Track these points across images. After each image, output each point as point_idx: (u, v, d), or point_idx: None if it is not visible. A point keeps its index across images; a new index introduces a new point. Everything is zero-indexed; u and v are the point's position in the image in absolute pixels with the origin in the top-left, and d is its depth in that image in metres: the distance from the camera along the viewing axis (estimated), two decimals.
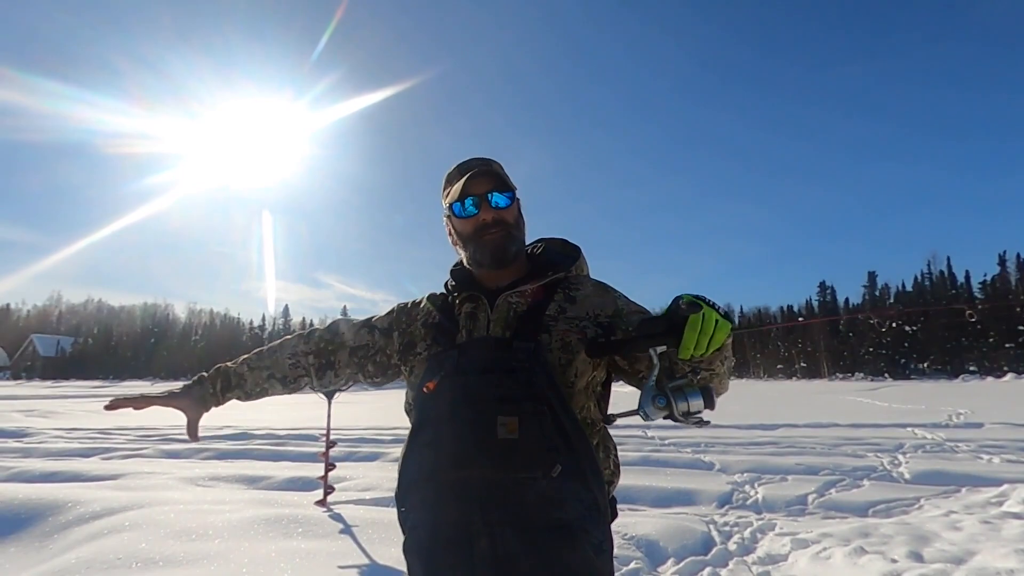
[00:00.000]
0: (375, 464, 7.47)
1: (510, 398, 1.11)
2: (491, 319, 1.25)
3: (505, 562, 1.05)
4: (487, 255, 1.28)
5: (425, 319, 1.34)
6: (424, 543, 1.13)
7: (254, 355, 1.48)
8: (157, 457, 8.16)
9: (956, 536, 3.91)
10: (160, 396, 1.37)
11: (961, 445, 7.90)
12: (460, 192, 1.28)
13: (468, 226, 1.30)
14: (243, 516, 3.96)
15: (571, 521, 1.07)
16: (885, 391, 25.64)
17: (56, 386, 44.09)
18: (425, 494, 1.14)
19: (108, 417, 13.09)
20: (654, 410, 1.01)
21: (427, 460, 1.15)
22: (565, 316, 1.24)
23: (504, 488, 1.07)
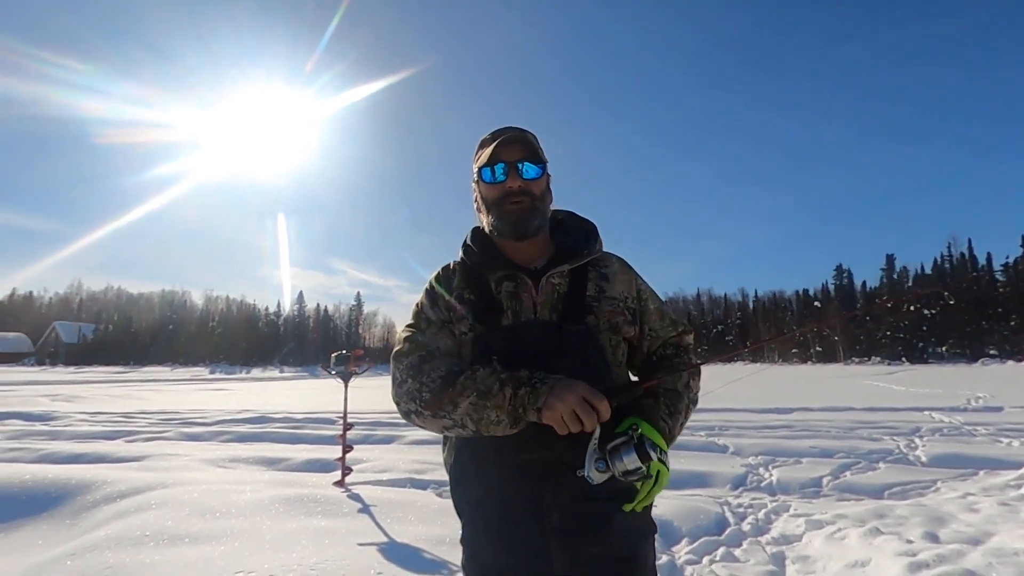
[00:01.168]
0: (391, 447, 7.57)
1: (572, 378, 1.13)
2: (537, 301, 1.24)
3: (574, 531, 1.14)
4: (508, 224, 1.26)
5: (460, 294, 1.29)
6: (493, 519, 1.17)
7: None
8: (178, 440, 8.35)
9: (973, 518, 3.89)
10: None
11: (980, 429, 7.82)
12: (490, 157, 1.26)
13: (494, 192, 1.28)
14: (264, 496, 4.06)
15: (628, 488, 1.15)
16: (902, 375, 25.36)
17: (79, 372, 45.11)
18: (490, 475, 1.18)
19: (131, 401, 13.38)
20: (597, 475, 1.05)
21: (487, 443, 1.16)
22: (606, 296, 1.28)
23: (570, 467, 1.12)
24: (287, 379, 36.18)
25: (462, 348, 1.26)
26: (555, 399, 1.05)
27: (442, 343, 1.26)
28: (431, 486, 4.98)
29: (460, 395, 1.12)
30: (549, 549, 1.13)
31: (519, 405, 1.09)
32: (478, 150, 1.34)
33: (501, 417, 1.10)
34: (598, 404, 1.04)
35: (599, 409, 1.04)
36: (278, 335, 79.78)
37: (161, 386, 24.87)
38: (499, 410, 1.10)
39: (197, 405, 13.83)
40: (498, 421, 1.11)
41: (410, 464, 5.94)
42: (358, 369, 5.38)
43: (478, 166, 1.30)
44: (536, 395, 1.08)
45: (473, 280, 1.29)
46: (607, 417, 1.06)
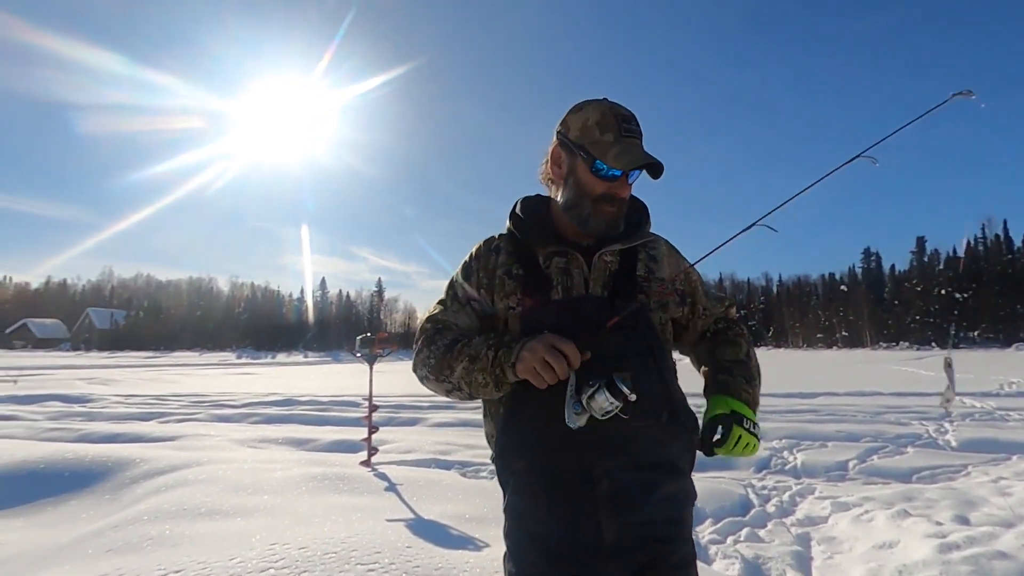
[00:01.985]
0: (415, 428, 7.70)
1: (623, 354, 1.18)
2: (588, 277, 1.25)
3: (621, 496, 1.16)
4: (600, 225, 1.24)
5: (507, 268, 1.29)
6: (543, 486, 1.19)
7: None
8: (210, 421, 8.59)
9: (1005, 501, 3.82)
10: None
11: (1013, 414, 7.63)
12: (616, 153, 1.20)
13: (599, 188, 1.23)
14: (293, 474, 4.17)
15: (675, 456, 1.23)
16: (932, 360, 24.79)
17: (112, 356, 46.54)
18: (539, 444, 1.19)
19: (163, 385, 13.78)
20: (576, 417, 1.07)
21: (537, 412, 1.18)
22: (655, 277, 1.30)
23: (621, 437, 1.17)
24: (311, 364, 36.84)
25: (511, 322, 1.26)
26: (525, 351, 1.11)
27: (461, 320, 1.32)
28: (455, 466, 5.06)
29: (456, 360, 1.21)
30: (599, 516, 1.15)
31: (497, 366, 1.15)
32: (594, 126, 1.23)
33: (487, 379, 1.17)
34: (564, 348, 1.07)
35: (566, 353, 1.07)
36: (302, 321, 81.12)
37: (190, 370, 25.53)
38: (484, 372, 1.17)
39: (226, 388, 14.18)
40: (484, 383, 1.18)
41: (434, 445, 6.04)
42: (383, 352, 5.46)
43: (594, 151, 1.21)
44: (509, 353, 1.14)
45: (522, 254, 1.29)
46: (577, 361, 1.08)
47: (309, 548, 2.78)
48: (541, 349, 1.08)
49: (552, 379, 1.08)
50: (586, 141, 1.23)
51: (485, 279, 1.31)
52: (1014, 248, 51.38)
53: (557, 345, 1.08)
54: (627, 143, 1.22)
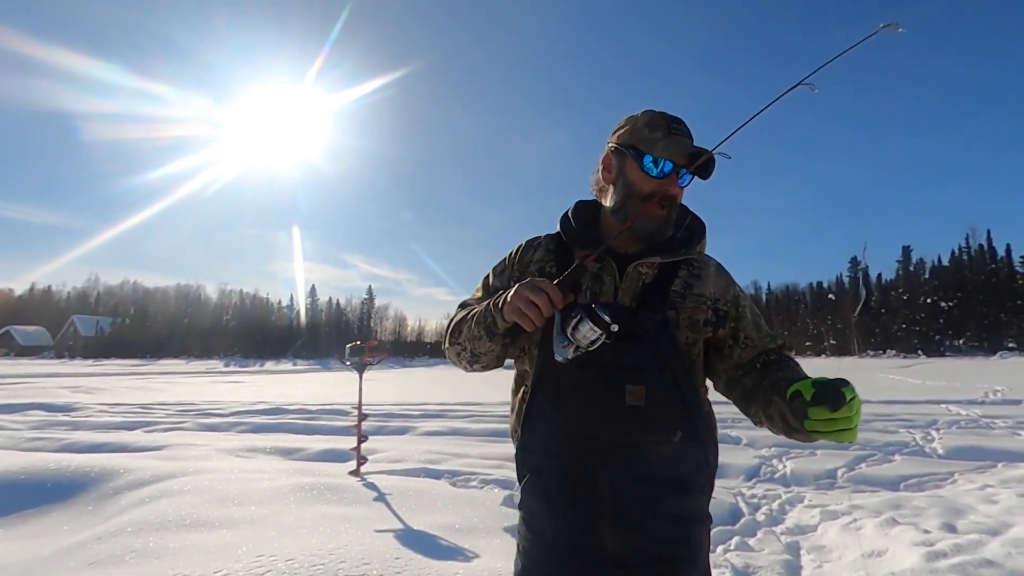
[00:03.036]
0: (405, 437, 7.65)
1: (639, 367, 1.15)
2: (619, 286, 1.23)
3: (623, 509, 1.15)
4: (648, 228, 1.23)
5: (541, 266, 1.32)
6: (549, 487, 1.20)
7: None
8: (196, 430, 8.48)
9: (991, 509, 3.86)
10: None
11: (998, 422, 7.73)
12: (664, 149, 1.21)
13: (648, 186, 1.23)
14: (281, 484, 4.12)
15: (685, 475, 1.18)
16: (919, 368, 25.08)
17: (97, 364, 45.87)
18: (550, 444, 1.20)
19: (149, 393, 13.60)
20: (562, 349, 1.09)
21: (551, 415, 1.20)
22: (692, 293, 1.24)
23: (629, 449, 1.16)
24: (300, 372, 36.55)
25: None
26: (509, 295, 1.15)
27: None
28: (445, 476, 5.03)
29: (464, 322, 1.30)
30: (601, 525, 1.15)
31: (489, 316, 1.21)
32: (644, 127, 1.25)
33: (480, 332, 1.23)
34: (545, 286, 1.10)
35: (547, 291, 1.09)
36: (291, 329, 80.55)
37: (177, 378, 25.23)
38: (480, 325, 1.23)
39: (213, 397, 14.02)
40: (479, 336, 1.24)
41: (424, 454, 6.00)
42: (372, 360, 5.43)
43: (644, 148, 1.23)
44: (498, 301, 1.19)
45: (560, 255, 1.32)
46: (559, 299, 1.10)
47: (296, 560, 2.75)
48: (524, 290, 1.11)
49: (537, 317, 1.10)
50: (635, 140, 1.25)
51: (518, 272, 1.34)
52: (997, 258, 52.23)
53: (538, 284, 1.11)
54: (676, 139, 1.23)
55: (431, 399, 12.51)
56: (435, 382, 21.10)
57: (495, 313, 1.19)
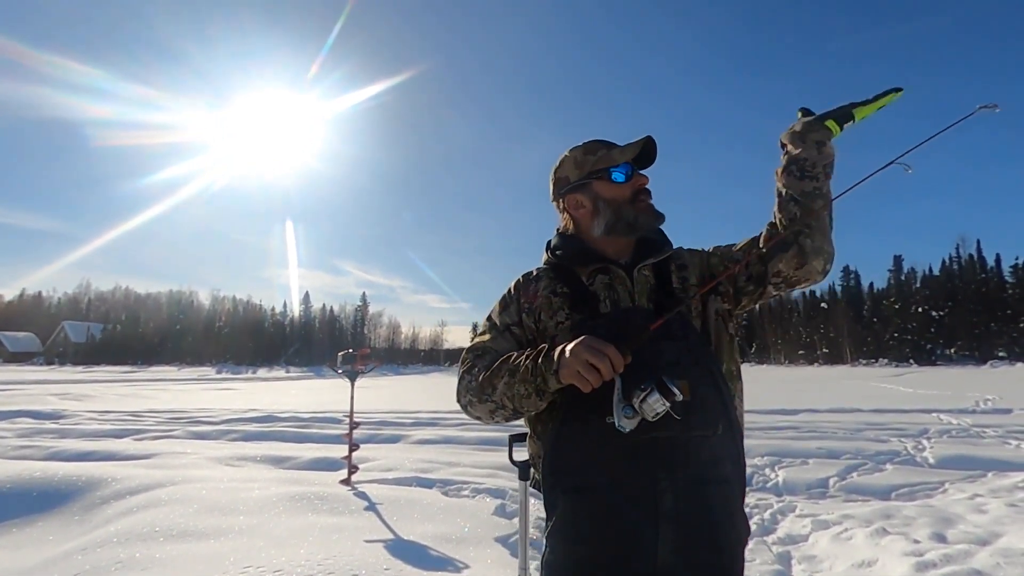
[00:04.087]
0: (397, 446, 7.61)
1: (677, 362, 1.19)
2: (633, 291, 1.29)
3: (684, 516, 1.14)
4: (648, 218, 1.33)
5: (552, 289, 1.32)
6: (602, 503, 1.16)
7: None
8: (186, 438, 8.40)
9: (981, 519, 3.87)
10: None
11: (988, 431, 7.76)
12: (619, 157, 1.33)
13: (626, 190, 1.34)
14: (271, 493, 4.09)
15: (729, 476, 1.20)
16: (910, 377, 25.20)
17: (87, 371, 45.45)
18: (599, 458, 1.17)
19: (139, 400, 13.47)
20: (626, 421, 1.06)
21: (597, 425, 1.15)
22: (689, 285, 1.33)
23: (684, 447, 1.16)
24: (293, 379, 36.33)
25: (560, 336, 1.26)
26: (566, 356, 1.10)
27: (500, 345, 1.33)
28: (437, 485, 5.00)
29: (497, 377, 1.21)
30: (658, 531, 1.13)
31: (539, 375, 1.15)
32: (585, 156, 1.36)
33: (529, 390, 1.17)
34: (606, 349, 1.06)
35: (608, 354, 1.06)
36: (284, 335, 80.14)
37: (168, 385, 25.02)
38: (525, 384, 1.17)
39: (204, 404, 13.91)
40: (527, 394, 1.17)
41: (416, 463, 5.97)
42: (364, 368, 5.41)
43: (604, 166, 1.34)
44: (549, 360, 1.13)
45: (564, 276, 1.33)
46: (620, 362, 1.07)
47: (284, 571, 2.73)
48: (583, 351, 1.07)
49: (597, 381, 1.07)
50: (591, 167, 1.35)
51: (527, 304, 1.33)
52: (987, 267, 52.72)
53: (597, 346, 1.07)
54: (615, 147, 1.34)
55: (424, 407, 12.45)
56: (428, 390, 21.03)
57: (547, 373, 1.13)
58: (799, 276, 1.27)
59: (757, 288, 1.32)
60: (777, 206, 1.30)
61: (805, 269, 1.26)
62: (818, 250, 1.25)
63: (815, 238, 1.25)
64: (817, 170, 1.27)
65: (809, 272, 1.26)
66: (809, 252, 1.25)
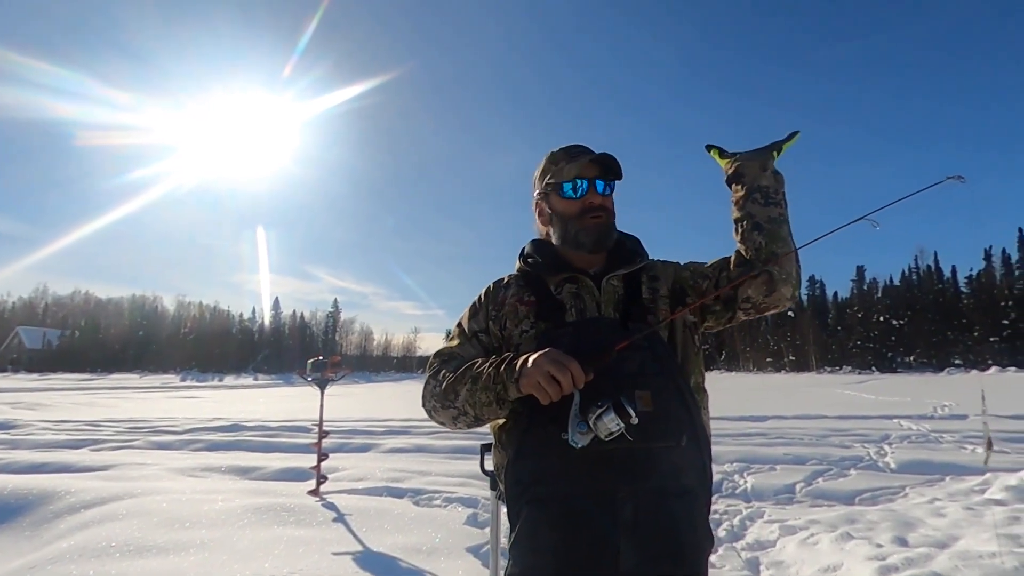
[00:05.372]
0: (368, 455, 7.48)
1: (642, 372, 1.19)
2: (600, 301, 1.29)
3: (645, 527, 1.13)
4: (591, 237, 1.33)
5: (519, 297, 1.34)
6: (562, 513, 1.15)
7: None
8: (147, 448, 8.13)
9: (940, 522, 3.98)
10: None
11: (945, 436, 8.03)
12: (574, 172, 1.33)
13: (575, 207, 1.34)
14: (235, 505, 3.97)
15: (693, 487, 1.19)
16: (872, 384, 25.97)
17: (43, 379, 43.62)
18: (560, 469, 1.15)
19: (98, 409, 12.99)
20: (580, 437, 1.07)
21: (557, 437, 1.13)
22: (660, 296, 1.33)
23: (644, 458, 1.15)
24: (262, 387, 35.51)
25: (524, 345, 1.26)
26: (528, 367, 1.10)
27: (467, 351, 1.34)
28: (408, 494, 4.93)
29: (460, 383, 1.22)
30: (619, 543, 1.12)
31: (500, 382, 1.15)
32: (549, 165, 1.39)
33: (489, 398, 1.17)
34: (569, 364, 1.07)
35: (570, 368, 1.06)
36: (253, 342, 78.40)
37: (129, 394, 24.20)
38: (487, 391, 1.17)
39: (167, 413, 13.49)
40: (488, 402, 1.18)
41: (387, 472, 5.88)
42: (335, 376, 5.31)
43: (556, 180, 1.36)
44: (511, 369, 1.14)
45: (533, 284, 1.35)
46: (581, 378, 1.08)
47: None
48: (546, 363, 1.08)
49: (556, 394, 1.07)
50: (549, 179, 1.38)
51: (494, 311, 1.35)
52: (944, 279, 54.89)
53: (561, 360, 1.07)
54: (578, 160, 1.33)
55: (396, 415, 12.29)
56: (400, 397, 20.79)
57: (508, 382, 1.14)
58: (768, 303, 1.31)
59: (725, 311, 1.34)
60: (741, 237, 1.32)
61: (774, 296, 1.29)
62: (787, 277, 1.28)
63: (782, 265, 1.28)
64: (780, 196, 1.32)
65: (778, 299, 1.30)
66: (778, 280, 1.27)
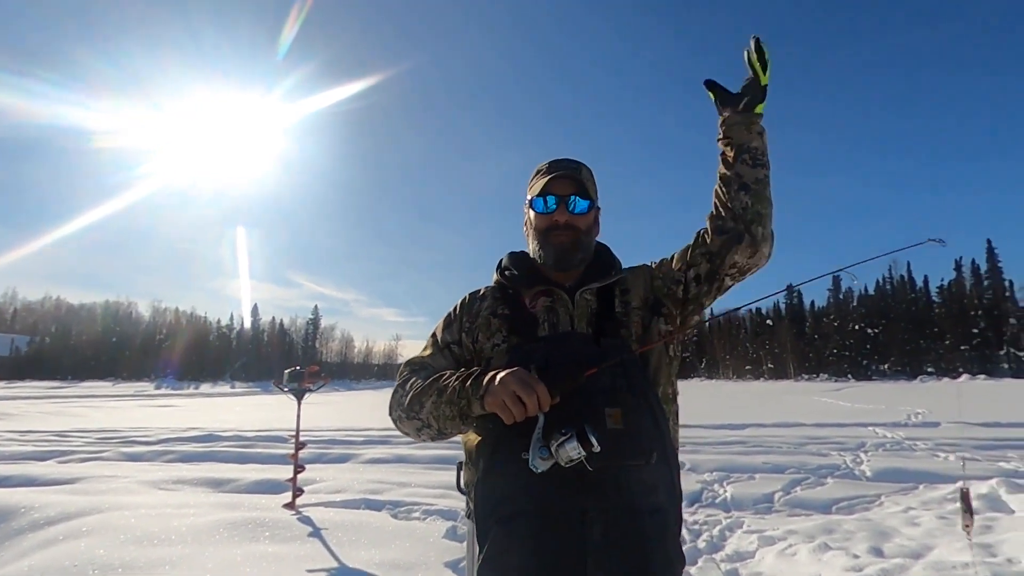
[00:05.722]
0: (346, 466, 7.36)
1: (613, 388, 1.17)
2: (573, 315, 1.28)
3: (614, 547, 1.11)
4: (551, 255, 1.32)
5: (493, 310, 1.33)
6: (531, 531, 1.13)
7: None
8: (117, 460, 7.90)
9: (914, 532, 4.04)
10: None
11: (919, 443, 8.18)
12: (543, 188, 1.32)
13: (543, 223, 1.34)
14: (208, 520, 3.86)
15: (663, 505, 1.17)
16: (848, 391, 26.43)
17: (10, 387, 42.32)
18: (528, 487, 1.13)
19: (67, 419, 12.62)
20: (540, 462, 1.06)
21: (524, 448, 1.11)
22: (632, 309, 1.31)
23: (614, 476, 1.13)
24: (239, 395, 34.89)
25: (495, 359, 1.25)
26: (495, 384, 1.08)
27: (438, 362, 1.33)
28: (386, 507, 4.85)
29: (426, 395, 1.20)
30: (587, 563, 1.10)
31: (464, 397, 1.13)
32: (533, 177, 1.39)
33: (453, 412, 1.15)
34: (535, 385, 1.05)
35: (537, 391, 1.05)
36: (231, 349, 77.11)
37: (101, 402, 23.57)
38: (451, 405, 1.15)
39: (139, 423, 13.16)
40: (451, 416, 1.16)
41: (365, 484, 5.78)
42: (312, 386, 5.22)
43: (531, 195, 1.36)
44: (477, 385, 1.12)
45: (508, 297, 1.34)
46: (547, 401, 1.06)
47: None
48: (512, 383, 1.05)
49: (520, 415, 1.05)
50: (529, 192, 1.38)
51: (468, 323, 1.34)
52: (916, 289, 56.26)
53: (528, 381, 1.05)
54: (552, 176, 1.32)
55: (376, 424, 12.13)
56: (381, 406, 20.35)
57: (472, 398, 1.12)
58: (751, 263, 1.31)
59: (711, 286, 1.33)
60: (727, 197, 1.30)
61: (757, 256, 1.30)
62: (766, 236, 1.30)
63: (765, 224, 1.29)
64: (767, 158, 1.32)
65: (759, 258, 1.31)
66: (760, 240, 1.28)
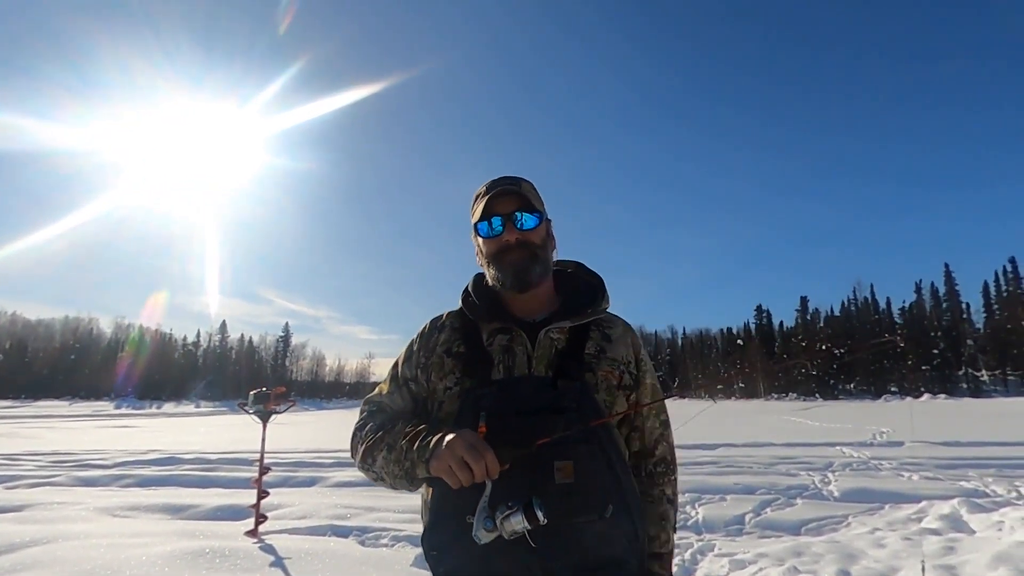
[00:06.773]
0: (313, 490, 7.15)
1: (564, 440, 1.06)
2: (532, 356, 1.20)
3: None
4: (509, 277, 1.23)
5: (448, 347, 1.25)
6: None
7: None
8: (70, 485, 7.53)
9: (881, 553, 4.09)
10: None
11: (884, 463, 8.35)
12: (484, 211, 1.24)
13: (492, 246, 1.25)
14: (163, 550, 3.69)
15: (619, 556, 1.12)
16: (816, 411, 26.93)
17: None
18: (473, 545, 1.04)
19: (18, 441, 12.03)
20: (484, 534, 1.02)
21: (471, 504, 1.05)
22: (606, 356, 1.24)
23: (562, 534, 1.06)
24: (203, 415, 33.82)
25: (447, 403, 1.19)
26: (441, 448, 1.03)
27: (395, 402, 1.28)
28: (353, 533, 4.71)
29: (378, 449, 1.15)
30: None
31: (412, 460, 1.08)
32: (473, 203, 1.30)
33: (402, 472, 1.10)
34: (484, 452, 1.00)
35: (485, 458, 1.00)
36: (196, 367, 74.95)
37: (56, 423, 22.58)
38: (399, 464, 1.11)
39: (97, 444, 12.61)
40: (400, 475, 1.11)
41: (332, 509, 5.62)
42: (279, 408, 5.08)
43: (474, 221, 1.27)
44: (425, 448, 1.07)
45: (465, 332, 1.26)
46: (496, 469, 1.01)
47: None
48: (460, 448, 1.00)
49: (467, 481, 1.00)
50: (472, 219, 1.29)
51: (423, 358, 1.27)
52: (880, 310, 58.07)
53: (477, 447, 1.00)
54: (493, 195, 1.25)
55: (344, 445, 11.74)
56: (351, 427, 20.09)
57: (418, 461, 1.07)
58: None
59: (623, 423, 1.29)
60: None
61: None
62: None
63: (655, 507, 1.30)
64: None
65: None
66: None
